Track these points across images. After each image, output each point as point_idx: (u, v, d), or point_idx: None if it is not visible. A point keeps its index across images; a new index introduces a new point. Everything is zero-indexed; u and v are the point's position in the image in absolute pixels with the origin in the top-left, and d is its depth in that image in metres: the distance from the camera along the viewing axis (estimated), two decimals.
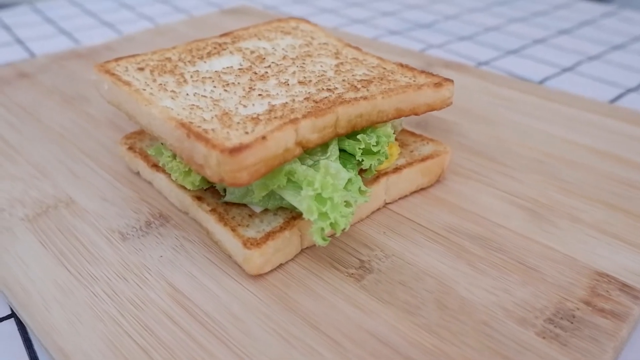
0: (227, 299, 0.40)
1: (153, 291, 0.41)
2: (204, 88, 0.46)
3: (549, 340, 0.36)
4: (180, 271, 0.43)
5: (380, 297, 0.40)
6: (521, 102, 0.67)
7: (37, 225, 0.47)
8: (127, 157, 0.53)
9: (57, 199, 0.51)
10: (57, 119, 0.64)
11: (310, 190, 0.38)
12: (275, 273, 0.42)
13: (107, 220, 0.48)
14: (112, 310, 0.39)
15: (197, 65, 0.50)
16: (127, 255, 0.44)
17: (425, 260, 0.43)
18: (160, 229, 0.47)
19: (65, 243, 0.45)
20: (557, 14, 1.10)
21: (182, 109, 0.42)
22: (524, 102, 0.67)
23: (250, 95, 0.44)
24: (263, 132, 0.38)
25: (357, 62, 0.51)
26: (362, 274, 0.42)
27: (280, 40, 0.57)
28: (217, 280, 0.42)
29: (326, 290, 0.40)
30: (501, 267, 0.42)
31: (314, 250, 0.44)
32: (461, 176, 0.53)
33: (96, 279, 0.42)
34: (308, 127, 0.40)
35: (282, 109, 0.42)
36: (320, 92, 0.45)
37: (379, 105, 0.44)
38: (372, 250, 0.44)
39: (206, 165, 0.37)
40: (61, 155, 0.57)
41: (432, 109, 0.48)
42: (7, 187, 0.52)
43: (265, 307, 0.39)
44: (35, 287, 0.41)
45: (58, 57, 0.81)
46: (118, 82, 0.47)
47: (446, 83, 0.47)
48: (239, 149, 0.35)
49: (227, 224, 0.42)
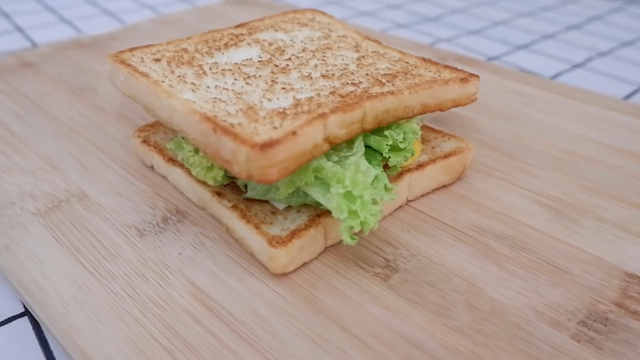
0: (251, 298, 0.39)
1: (175, 290, 0.40)
2: (224, 80, 0.45)
3: (584, 343, 0.35)
4: (201, 269, 0.41)
5: (408, 298, 0.39)
6: (536, 98, 0.66)
7: (49, 219, 0.46)
8: (141, 150, 0.52)
9: (69, 193, 0.49)
10: (65, 111, 0.62)
11: (340, 187, 0.37)
12: (300, 272, 0.41)
13: (122, 216, 0.47)
14: (133, 310, 0.38)
15: (215, 57, 0.49)
16: (146, 252, 0.43)
17: (452, 259, 0.42)
18: (178, 225, 0.46)
19: (80, 239, 0.44)
20: (565, 8, 1.10)
21: (205, 102, 0.41)
22: (540, 98, 0.66)
23: (274, 89, 0.43)
24: (293, 127, 0.36)
25: (379, 56, 0.50)
26: (388, 274, 0.41)
27: (298, 32, 0.55)
28: (240, 279, 0.41)
29: (352, 290, 0.40)
30: (529, 268, 0.41)
31: (337, 248, 0.43)
32: (482, 173, 0.52)
33: (115, 276, 0.41)
34: (336, 122, 0.39)
35: (308, 104, 0.41)
36: (345, 86, 0.44)
37: (405, 100, 0.43)
38: (397, 249, 0.43)
39: (234, 161, 0.36)
40: (71, 148, 0.56)
41: (457, 105, 0.47)
42: (16, 181, 0.50)
43: (291, 307, 0.38)
44: (51, 284, 0.40)
45: (61, 46, 0.79)
46: (135, 73, 0.45)
47: (472, 78, 0.46)
48: (269, 144, 0.34)
49: (250, 221, 0.41)
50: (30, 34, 0.90)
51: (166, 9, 1.03)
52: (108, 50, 0.78)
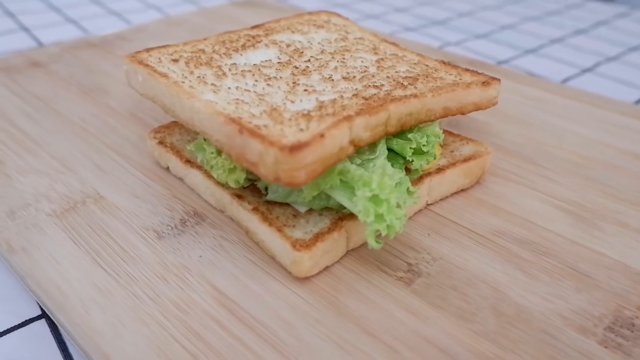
0: (274, 302, 0.38)
1: (196, 293, 0.39)
2: (245, 82, 0.44)
3: (612, 349, 0.35)
4: (222, 273, 0.41)
5: (433, 303, 0.39)
6: (549, 102, 0.66)
7: (65, 221, 0.45)
8: (157, 152, 0.51)
9: (85, 194, 0.48)
10: (76, 111, 0.62)
11: (367, 191, 0.36)
12: (322, 276, 0.41)
13: (139, 218, 0.46)
14: (155, 314, 0.37)
15: (233, 58, 0.49)
16: (165, 255, 0.42)
17: (475, 264, 0.42)
18: (197, 228, 0.45)
19: (98, 241, 0.43)
20: (571, 13, 1.10)
21: (227, 103, 0.41)
22: (552, 103, 0.66)
23: (296, 90, 0.43)
24: (319, 130, 0.36)
25: (398, 59, 0.50)
26: (411, 278, 0.41)
27: (315, 34, 0.55)
28: (262, 282, 0.40)
29: (376, 295, 0.39)
30: (553, 273, 0.41)
31: (359, 252, 0.43)
32: (500, 177, 0.52)
33: (135, 279, 0.40)
34: (361, 125, 0.38)
35: (332, 106, 0.40)
36: (367, 88, 0.43)
37: (428, 103, 0.43)
38: (418, 253, 0.43)
39: (260, 163, 0.35)
40: (85, 148, 0.55)
41: (478, 108, 0.47)
42: (31, 182, 0.50)
43: (315, 311, 0.38)
44: (71, 287, 0.39)
45: (70, 46, 0.78)
46: (154, 73, 0.45)
47: (493, 82, 0.46)
48: (298, 146, 0.34)
49: (272, 224, 0.41)
50: (36, 33, 0.90)
51: (172, 10, 1.03)
52: (117, 50, 0.77)
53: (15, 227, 0.44)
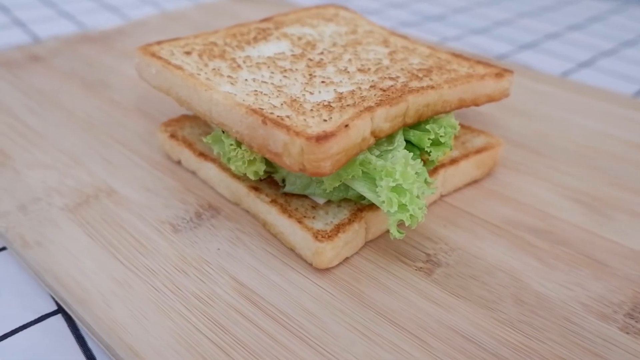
0: (296, 293, 0.38)
1: (218, 286, 0.39)
2: (261, 74, 0.44)
3: (634, 335, 0.36)
4: (241, 265, 0.41)
5: (454, 292, 0.39)
6: (551, 96, 0.67)
7: (79, 215, 0.45)
8: (168, 145, 0.51)
9: (97, 188, 0.48)
10: (80, 105, 0.61)
11: (390, 181, 0.36)
12: (342, 267, 0.41)
13: (153, 211, 0.46)
14: (178, 306, 0.37)
15: (246, 51, 0.48)
16: (183, 248, 0.42)
17: (492, 254, 0.42)
18: (212, 221, 0.45)
19: (114, 234, 0.43)
20: (565, 9, 1.11)
21: (246, 94, 0.40)
22: (554, 96, 0.67)
23: (313, 82, 0.43)
24: (344, 120, 0.36)
25: (409, 51, 0.50)
26: (431, 268, 0.41)
27: (324, 27, 0.55)
28: (282, 274, 0.40)
29: (398, 285, 0.39)
30: (569, 262, 0.42)
31: (377, 243, 0.43)
32: (510, 169, 0.52)
33: (154, 272, 0.40)
34: (382, 115, 0.39)
35: (351, 97, 0.40)
36: (383, 80, 0.43)
37: (445, 95, 0.43)
38: (436, 244, 0.43)
39: (285, 153, 0.35)
40: (92, 142, 0.54)
41: (491, 100, 0.47)
42: (40, 176, 0.49)
43: (338, 302, 0.38)
44: (89, 280, 0.39)
45: (69, 40, 0.77)
46: (168, 66, 0.45)
47: (506, 74, 0.47)
48: (325, 137, 0.34)
49: (292, 216, 0.41)
50: (31, 28, 0.88)
51: (169, 5, 1.02)
52: (117, 45, 0.76)
53: (28, 221, 0.44)
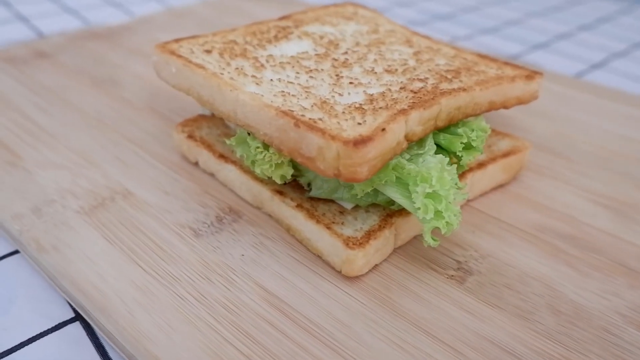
0: (326, 302, 0.37)
1: (244, 294, 0.37)
2: (286, 74, 0.43)
3: None
4: (267, 271, 0.39)
5: (489, 302, 0.38)
6: (570, 98, 0.66)
7: (95, 218, 0.43)
8: (186, 146, 0.49)
9: (112, 190, 0.46)
10: (90, 103, 0.59)
11: (427, 187, 0.35)
12: (371, 274, 0.40)
13: (173, 215, 0.44)
14: (204, 315, 0.36)
15: (268, 50, 0.47)
16: (205, 254, 0.40)
17: (524, 261, 0.41)
18: (234, 225, 0.43)
19: (133, 239, 0.41)
20: (574, 10, 1.11)
21: (273, 95, 0.39)
22: (573, 98, 0.66)
23: (341, 83, 0.41)
24: (380, 124, 0.35)
25: (434, 52, 0.49)
26: (462, 276, 0.40)
27: (345, 25, 0.53)
28: (310, 281, 0.39)
29: (429, 293, 0.38)
30: (603, 270, 0.41)
31: (405, 250, 0.42)
32: (535, 172, 0.51)
33: (177, 279, 0.38)
34: (416, 119, 0.37)
35: (382, 99, 0.39)
36: (412, 82, 0.42)
37: (476, 97, 0.42)
38: (465, 251, 0.42)
39: (319, 158, 0.34)
40: (104, 142, 0.53)
41: (520, 103, 0.46)
42: (52, 177, 0.47)
43: (370, 311, 0.37)
44: (110, 287, 0.37)
45: (74, 36, 0.75)
46: (190, 64, 0.43)
47: (536, 76, 0.46)
48: (362, 141, 0.33)
49: (320, 222, 0.39)
50: (35, 23, 0.86)
51: (174, 2, 1.00)
52: (124, 41, 0.74)
53: (42, 224, 0.42)
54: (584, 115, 0.62)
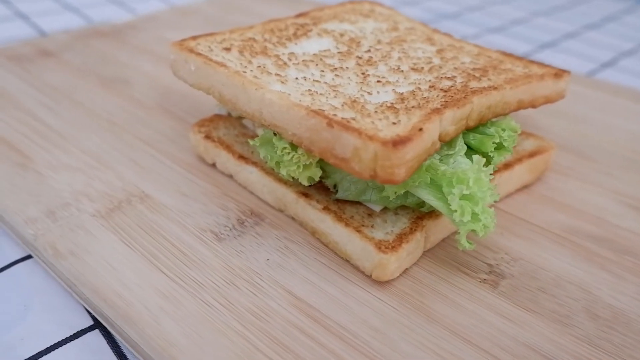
0: (358, 308, 0.36)
1: (273, 300, 0.36)
2: (310, 72, 0.41)
3: None
4: (294, 277, 0.38)
5: (524, 306, 0.37)
6: (586, 97, 0.65)
7: (113, 222, 0.42)
8: (203, 147, 0.48)
9: (129, 193, 0.45)
10: (100, 103, 0.57)
11: (464, 188, 0.34)
12: (402, 279, 0.38)
13: (192, 218, 0.43)
14: (233, 323, 0.34)
15: (289, 47, 0.46)
16: (229, 258, 0.39)
17: (556, 264, 0.40)
18: (257, 229, 0.42)
19: (153, 243, 0.40)
20: (578, 9, 1.10)
21: (301, 94, 0.38)
22: (589, 97, 0.65)
23: (368, 82, 0.40)
24: (415, 123, 0.34)
25: (457, 50, 0.48)
26: (495, 280, 0.39)
27: (363, 23, 0.52)
28: (339, 287, 0.37)
29: (463, 298, 0.37)
30: (638, 272, 0.40)
31: (434, 253, 0.41)
32: (559, 173, 0.50)
33: (202, 285, 0.37)
34: (449, 118, 0.36)
35: (413, 98, 0.38)
36: (441, 80, 0.41)
37: (506, 96, 0.41)
38: (496, 253, 0.41)
39: (354, 159, 0.33)
40: (117, 143, 0.51)
41: (548, 102, 0.45)
42: (66, 179, 0.46)
43: (404, 317, 0.35)
44: (134, 295, 0.36)
45: (79, 34, 0.73)
46: (210, 62, 0.42)
47: (564, 74, 0.45)
48: (401, 141, 0.31)
49: (349, 225, 0.38)
50: (35, 21, 0.84)
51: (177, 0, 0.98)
52: (131, 40, 0.73)
53: (58, 229, 0.41)
54: (602, 115, 0.61)
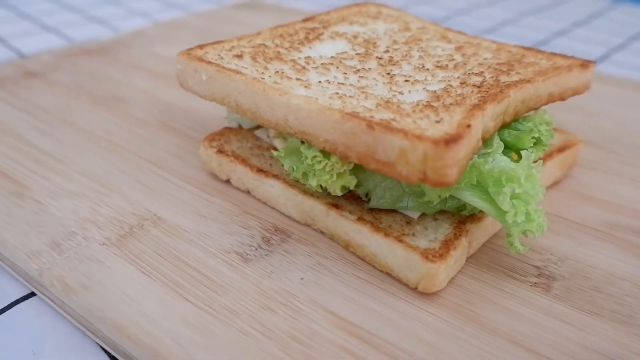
0: (407, 324, 0.33)
1: (314, 322, 0.33)
2: (333, 75, 0.39)
3: None
4: (333, 295, 0.35)
5: (582, 308, 0.34)
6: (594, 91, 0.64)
7: (126, 250, 0.38)
8: (216, 162, 0.44)
9: (140, 217, 0.41)
10: (96, 123, 0.54)
11: (516, 187, 0.32)
12: (448, 289, 0.36)
13: (213, 239, 0.39)
14: (274, 351, 0.31)
15: (303, 51, 0.43)
16: (260, 280, 0.36)
17: (606, 261, 0.38)
18: (284, 246, 0.39)
19: (174, 270, 0.37)
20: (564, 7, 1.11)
21: (329, 97, 0.35)
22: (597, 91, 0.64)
23: (396, 81, 0.38)
24: (460, 120, 0.31)
25: (475, 46, 0.46)
26: (547, 283, 0.36)
27: (374, 24, 0.50)
28: (383, 302, 0.35)
29: (517, 305, 0.35)
30: None
31: (476, 259, 0.38)
32: (586, 168, 0.49)
33: (235, 312, 0.34)
34: (490, 113, 0.34)
35: (447, 95, 0.36)
36: (469, 76, 0.39)
37: (539, 88, 0.39)
38: (541, 255, 0.39)
39: (401, 162, 0.30)
40: (120, 164, 0.47)
41: (575, 93, 0.43)
42: (68, 206, 0.42)
43: (458, 330, 0.33)
44: (161, 329, 0.32)
45: (65, 54, 0.70)
46: (224, 70, 0.39)
47: (590, 64, 0.43)
48: (453, 139, 0.29)
49: (389, 235, 0.35)
50: (13, 43, 0.80)
51: (161, 16, 0.95)
52: (120, 56, 0.69)
53: (65, 261, 0.37)
54: (615, 108, 0.60)
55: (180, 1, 1.05)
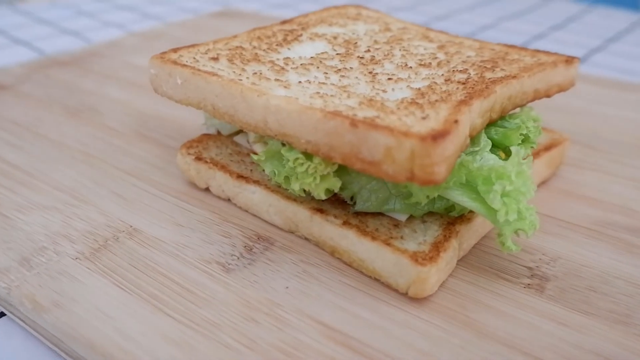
0: (400, 331, 0.31)
1: (301, 332, 0.31)
2: (313, 75, 0.37)
3: None
4: (320, 303, 0.33)
5: (578, 308, 0.33)
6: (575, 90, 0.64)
7: (100, 263, 0.36)
8: (194, 170, 0.43)
9: (114, 229, 0.39)
10: (70, 135, 0.52)
11: (506, 184, 0.30)
12: (439, 293, 0.34)
13: (193, 250, 0.37)
14: None
15: (281, 53, 0.42)
16: (243, 291, 0.34)
17: (598, 259, 0.37)
18: (268, 254, 0.37)
19: (152, 283, 0.35)
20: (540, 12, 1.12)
21: (310, 97, 0.34)
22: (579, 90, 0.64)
23: (379, 80, 0.37)
24: (447, 116, 0.30)
25: (457, 45, 0.45)
26: (540, 284, 0.35)
27: (353, 25, 0.49)
28: (373, 309, 0.33)
29: (511, 307, 0.33)
30: None
31: (466, 261, 0.37)
32: (572, 166, 0.48)
33: (217, 325, 0.32)
34: (477, 110, 0.33)
35: (432, 92, 0.34)
36: (454, 73, 0.38)
37: (525, 85, 0.38)
38: (533, 255, 0.37)
39: (387, 160, 0.29)
40: (94, 175, 0.45)
41: (561, 90, 0.42)
42: (38, 220, 0.40)
43: (452, 336, 0.31)
44: (139, 346, 0.30)
45: (36, 65, 0.67)
46: (200, 73, 0.37)
47: (574, 60, 0.42)
48: (440, 134, 0.28)
49: (376, 238, 0.34)
50: None
51: (135, 26, 0.93)
52: (94, 67, 0.67)
53: (35, 277, 0.35)
54: (597, 106, 0.60)
55: (157, 12, 1.03)
